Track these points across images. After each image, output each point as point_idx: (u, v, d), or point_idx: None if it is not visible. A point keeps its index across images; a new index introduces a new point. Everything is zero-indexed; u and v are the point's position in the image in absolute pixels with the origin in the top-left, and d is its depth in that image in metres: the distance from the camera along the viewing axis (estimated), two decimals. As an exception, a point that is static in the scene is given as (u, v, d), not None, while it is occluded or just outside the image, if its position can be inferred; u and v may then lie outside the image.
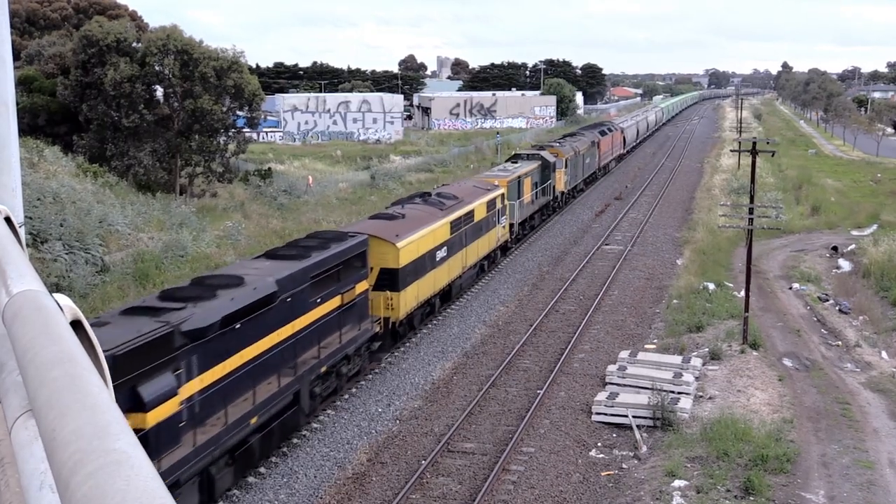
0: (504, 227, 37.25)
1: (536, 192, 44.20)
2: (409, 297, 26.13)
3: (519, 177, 40.50)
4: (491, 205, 34.64)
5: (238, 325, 16.87)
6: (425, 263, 27.24)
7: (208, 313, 16.07)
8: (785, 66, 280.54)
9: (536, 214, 44.90)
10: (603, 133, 68.03)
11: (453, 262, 30.15)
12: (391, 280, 25.10)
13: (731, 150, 35.57)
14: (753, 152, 27.48)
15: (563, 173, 49.97)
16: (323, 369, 20.81)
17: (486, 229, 34.15)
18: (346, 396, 23.09)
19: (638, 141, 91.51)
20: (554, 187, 47.80)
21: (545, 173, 45.60)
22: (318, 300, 20.39)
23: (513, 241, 40.18)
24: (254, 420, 17.73)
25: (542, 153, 46.78)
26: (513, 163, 44.15)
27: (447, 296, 30.72)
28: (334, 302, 21.29)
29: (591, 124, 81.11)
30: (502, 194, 36.40)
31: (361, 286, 23.03)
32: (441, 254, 28.73)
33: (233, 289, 17.39)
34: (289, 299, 18.84)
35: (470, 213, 31.84)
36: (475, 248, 32.88)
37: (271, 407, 18.44)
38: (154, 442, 14.22)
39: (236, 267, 19.91)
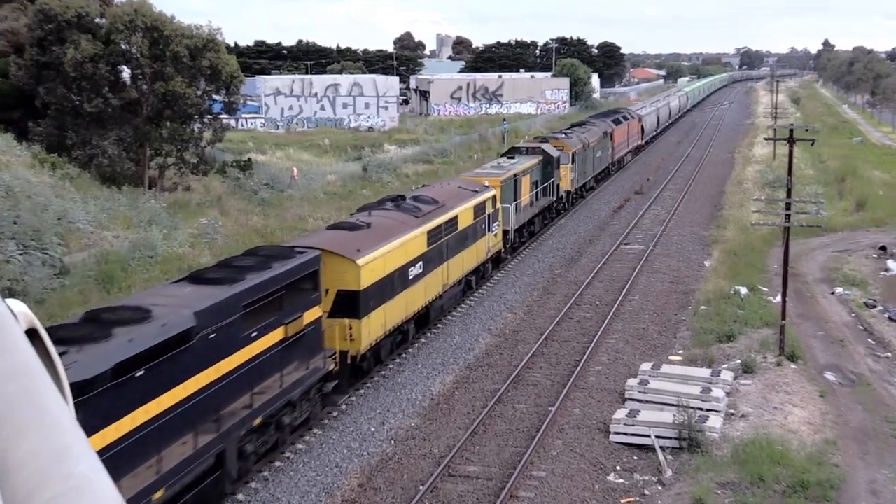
0: (496, 235, 35.54)
1: (537, 193, 42.69)
2: (374, 325, 24.23)
3: (515, 175, 38.91)
4: (479, 209, 32.94)
5: (140, 373, 15.00)
6: (395, 283, 25.43)
7: (95, 360, 14.18)
8: (826, 44, 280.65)
9: (537, 219, 43.42)
10: (617, 122, 66.19)
11: (431, 280, 28.36)
12: (351, 305, 23.18)
13: (766, 139, 35.46)
14: (790, 141, 27.47)
15: (569, 170, 48.35)
16: (257, 421, 18.79)
17: (473, 239, 32.38)
18: (336, 414, 23.07)
19: (658, 130, 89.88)
20: (558, 186, 46.25)
21: (547, 170, 44.03)
22: (254, 334, 18.55)
23: (508, 251, 38.53)
24: (158, 495, 15.48)
25: (544, 147, 45.22)
26: (509, 158, 42.49)
27: (424, 320, 28.83)
28: (275, 335, 19.41)
29: (604, 112, 78.24)
30: (493, 197, 34.67)
31: (312, 314, 21.12)
32: (415, 270, 26.94)
33: (134, 326, 15.43)
34: (212, 336, 16.97)
35: (453, 221, 30.15)
36: (459, 262, 31.10)
37: (185, 475, 16.31)
38: None
39: (147, 295, 17.93)
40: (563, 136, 51.41)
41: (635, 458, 21.28)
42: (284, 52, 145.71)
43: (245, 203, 48.08)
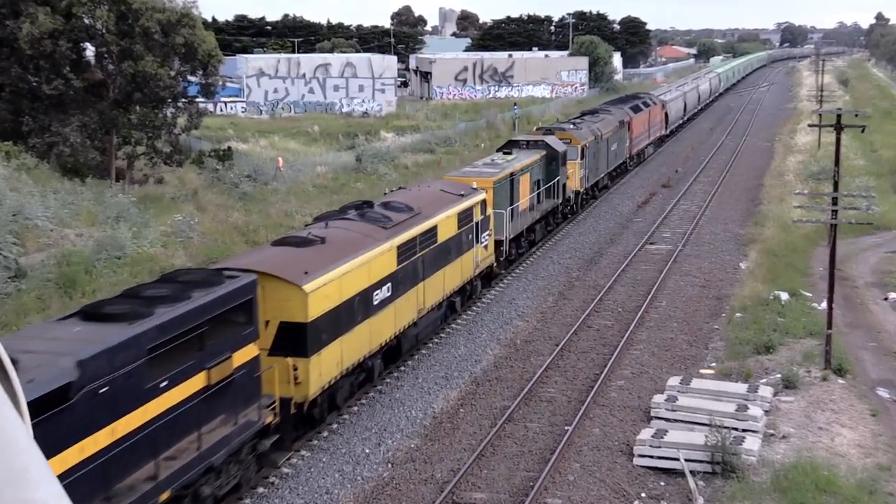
0: (487, 246, 33.67)
1: (539, 195, 40.76)
2: (327, 364, 22.21)
3: (511, 174, 37.04)
4: (465, 217, 31.03)
5: None
6: (354, 311, 23.40)
7: None
8: (879, 17, 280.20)
9: (538, 225, 41.34)
10: (636, 109, 63.90)
11: (403, 305, 26.36)
12: (296, 340, 21.17)
13: (810, 125, 35.53)
14: (838, 127, 27.44)
15: (577, 167, 46.50)
16: (165, 496, 16.78)
17: (457, 252, 30.41)
18: (326, 434, 23.08)
19: (685, 118, 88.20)
20: (564, 186, 44.35)
21: (551, 167, 42.02)
22: (163, 384, 16.62)
23: (503, 265, 36.64)
24: None
25: (548, 140, 43.16)
26: (505, 154, 40.37)
27: (395, 352, 26.87)
28: (193, 384, 17.49)
29: (621, 97, 75.09)
30: (483, 201, 32.81)
31: (245, 353, 19.17)
32: (382, 294, 24.96)
33: None
34: (103, 390, 15.19)
35: (431, 232, 28.26)
36: (439, 282, 29.08)
37: None
38: None
39: (20, 338, 16.16)
40: (572, 126, 49.58)
41: (662, 483, 21.25)
42: (268, 28, 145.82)
43: (224, 197, 48.10)
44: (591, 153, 49.04)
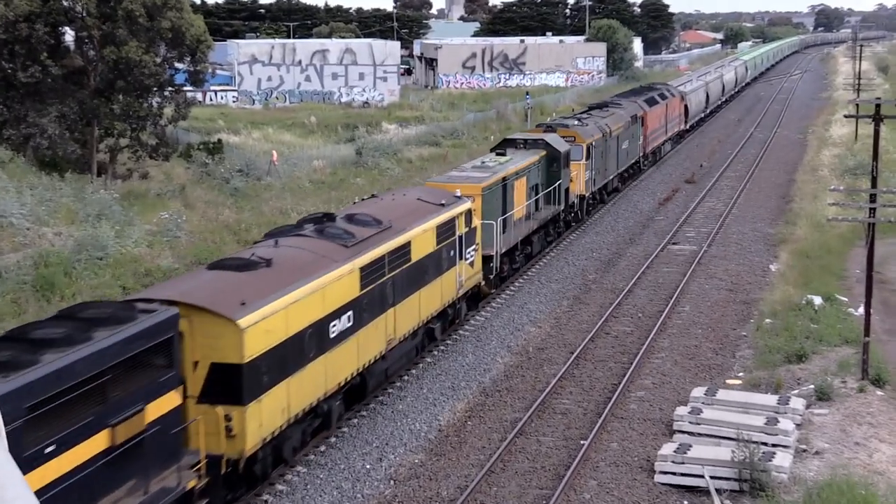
0: (472, 262, 31.22)
1: (537, 201, 39.02)
2: (270, 412, 19.88)
3: (504, 179, 35.22)
4: (446, 230, 28.62)
5: None
6: (305, 346, 21.08)
7: None
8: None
9: (536, 236, 39.18)
10: (651, 102, 61.71)
11: (368, 336, 24.04)
12: (230, 385, 18.87)
13: (846, 116, 35.29)
14: (877, 118, 27.39)
15: (582, 168, 44.36)
16: None
17: (436, 272, 28.01)
18: (323, 448, 23.09)
19: (707, 111, 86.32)
20: (567, 191, 42.07)
21: (553, 169, 40.32)
22: (49, 449, 14.55)
23: (493, 283, 34.37)
24: None
25: (548, 138, 41.24)
26: (498, 155, 38.47)
27: (359, 392, 24.80)
28: (91, 446, 15.39)
29: (635, 89, 72.22)
30: (468, 211, 30.45)
31: (163, 403, 16.97)
32: (341, 325, 22.63)
33: None
34: None
35: (403, 249, 25.92)
36: (413, 307, 26.62)
37: None
38: None
39: None
40: (577, 122, 47.64)
41: (685, 503, 21.25)
42: (262, 11, 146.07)
43: (214, 194, 48.17)
44: (598, 153, 46.96)
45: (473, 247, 31.25)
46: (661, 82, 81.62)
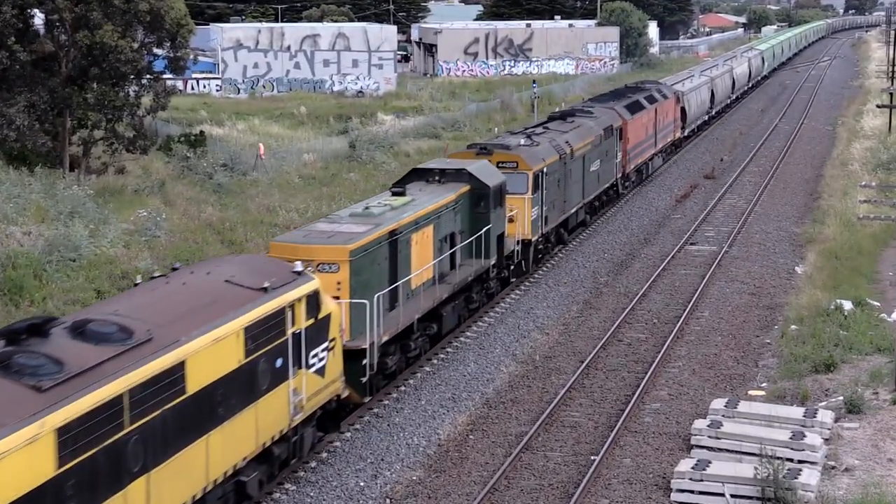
0: (324, 369, 22.53)
1: (453, 256, 30.92)
2: None
3: (393, 232, 27.02)
4: (265, 331, 20.03)
5: None
6: None
7: None
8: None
9: (451, 305, 30.57)
10: (634, 108, 53.45)
11: None
12: None
13: (879, 106, 35.39)
14: (910, 108, 27.37)
15: (526, 204, 36.08)
16: None
17: (244, 398, 19.38)
18: (313, 464, 23.08)
19: (713, 112, 78.80)
20: (502, 238, 33.83)
21: (478, 210, 32.24)
22: None
23: (368, 388, 25.57)
24: None
25: (473, 167, 32.88)
26: (396, 194, 30.06)
27: None
28: None
29: (616, 91, 62.69)
30: (311, 294, 21.64)
31: None
32: None
33: None
34: None
35: (167, 377, 17.15)
36: (192, 465, 17.99)
37: None
38: None
39: None
40: (523, 142, 38.79)
41: (705, 523, 21.25)
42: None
43: (196, 190, 48.16)
44: (551, 181, 38.50)
45: (326, 344, 22.49)
46: (651, 80, 71.97)
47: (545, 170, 37.71)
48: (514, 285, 36.67)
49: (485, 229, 32.04)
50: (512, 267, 35.73)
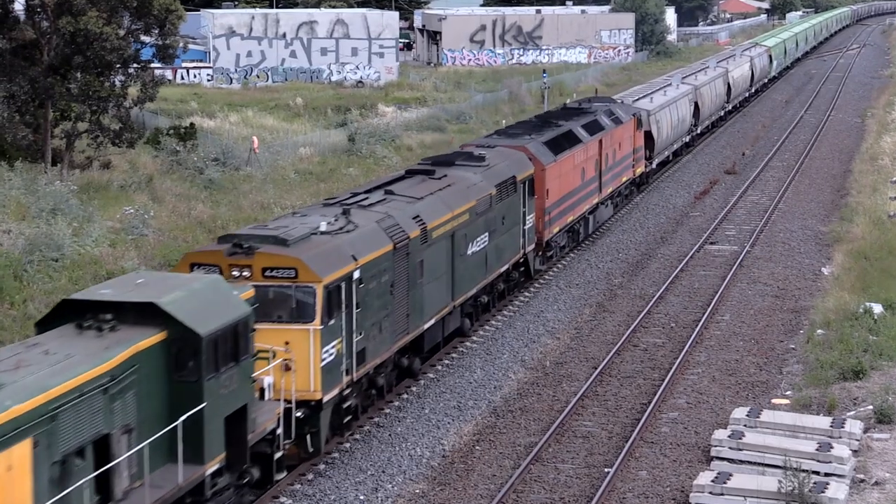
0: None
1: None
2: None
3: None
4: None
5: None
6: None
7: None
8: None
9: None
10: (564, 143, 40.66)
11: None
12: None
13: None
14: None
15: (312, 341, 22.83)
16: None
17: None
18: (310, 476, 23.08)
19: (697, 131, 66.12)
20: (238, 419, 19.49)
21: (181, 377, 18.58)
22: None
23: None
24: None
25: (170, 303, 18.39)
26: None
27: None
28: None
29: (549, 113, 50.81)
30: None
31: None
32: None
33: None
34: None
35: None
36: None
37: None
38: None
39: None
40: (327, 224, 25.33)
41: (725, 539, 21.23)
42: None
43: (186, 186, 48.16)
44: (374, 291, 25.44)
45: None
46: (604, 97, 57.43)
47: (357, 275, 24.35)
48: (520, 289, 36.50)
49: (190, 414, 18.14)
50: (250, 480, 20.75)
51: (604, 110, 47.75)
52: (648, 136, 53.46)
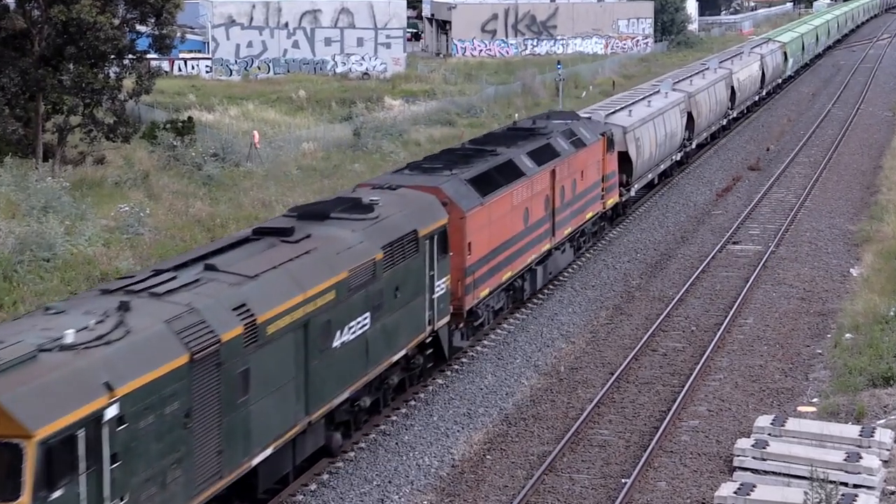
0: None
1: None
2: None
3: None
4: None
5: None
6: None
7: None
8: None
9: None
10: (499, 178, 33.11)
11: None
12: None
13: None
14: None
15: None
16: None
17: None
18: (314, 487, 23.10)
19: (689, 146, 58.89)
20: None
21: None
22: None
23: None
24: None
25: None
26: None
27: None
28: None
29: (490, 135, 40.39)
30: None
31: None
32: None
33: None
34: None
35: None
36: None
37: None
38: None
39: None
40: (77, 336, 16.88)
41: (749, 554, 21.21)
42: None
43: (184, 182, 48.22)
44: (152, 431, 17.52)
45: None
46: (567, 112, 47.93)
47: (114, 412, 16.56)
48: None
49: None
50: None
51: (562, 130, 39.50)
52: (625, 158, 45.94)
